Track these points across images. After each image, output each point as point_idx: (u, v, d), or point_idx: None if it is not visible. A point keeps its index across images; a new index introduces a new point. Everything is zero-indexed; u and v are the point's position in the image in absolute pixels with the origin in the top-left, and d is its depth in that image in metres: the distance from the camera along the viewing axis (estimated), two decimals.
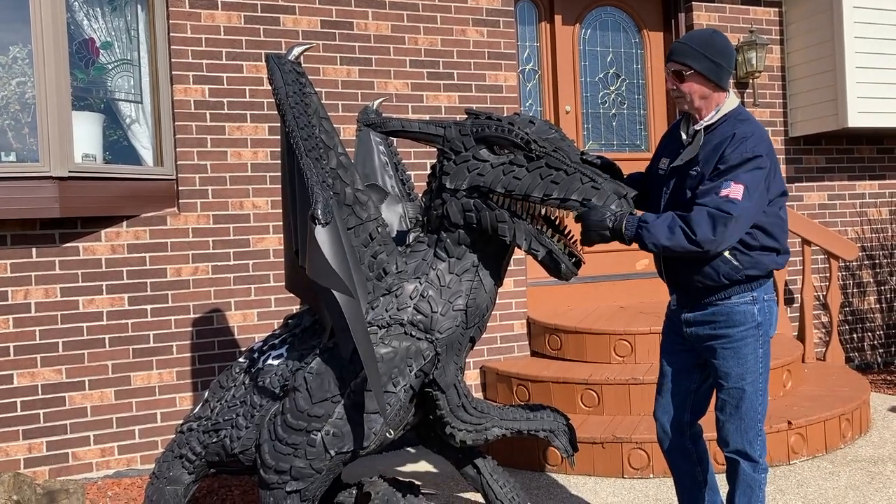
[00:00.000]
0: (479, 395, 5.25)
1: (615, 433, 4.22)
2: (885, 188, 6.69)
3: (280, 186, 3.65)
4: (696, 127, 2.84)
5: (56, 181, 4.15)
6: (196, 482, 3.14)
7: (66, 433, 4.39)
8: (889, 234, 6.66)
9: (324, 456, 2.75)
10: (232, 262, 4.74)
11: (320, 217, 2.52)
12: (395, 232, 3.26)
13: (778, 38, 6.32)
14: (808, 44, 6.12)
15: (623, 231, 2.65)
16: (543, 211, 2.74)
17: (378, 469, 4.45)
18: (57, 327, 4.38)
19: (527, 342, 5.41)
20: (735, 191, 2.62)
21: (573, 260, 2.80)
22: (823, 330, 6.35)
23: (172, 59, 4.63)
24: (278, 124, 4.06)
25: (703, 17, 6.07)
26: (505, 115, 3.44)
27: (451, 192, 2.83)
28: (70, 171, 4.19)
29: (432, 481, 4.28)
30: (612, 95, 6.19)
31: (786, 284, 6.10)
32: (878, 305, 6.65)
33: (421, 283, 2.85)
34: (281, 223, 4.14)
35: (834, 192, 6.51)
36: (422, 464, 4.61)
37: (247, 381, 3.02)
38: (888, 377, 6.26)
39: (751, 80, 6.15)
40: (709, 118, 2.82)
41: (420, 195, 3.24)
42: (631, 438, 4.17)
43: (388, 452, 4.79)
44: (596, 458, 4.22)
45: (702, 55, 2.77)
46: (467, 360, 3.26)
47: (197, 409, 3.14)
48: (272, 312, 4.81)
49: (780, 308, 5.71)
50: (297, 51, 2.80)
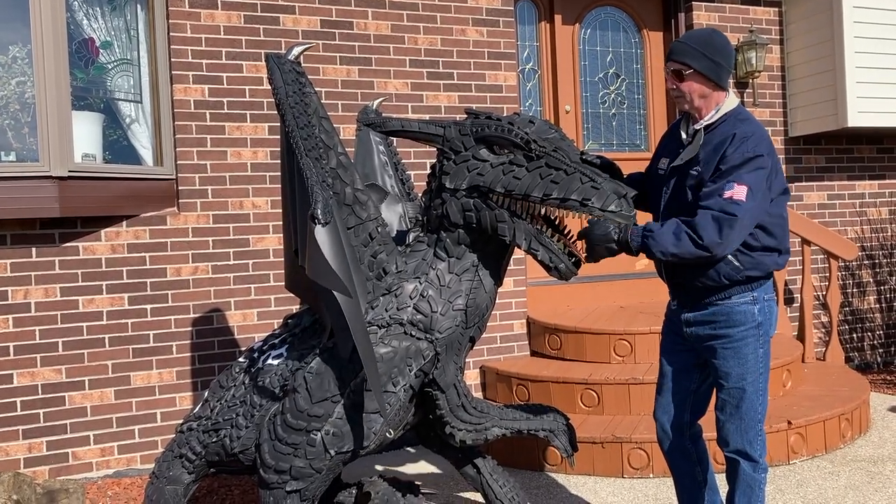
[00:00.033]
0: (478, 394, 5.25)
1: (615, 433, 4.22)
2: (885, 188, 6.69)
3: (280, 186, 3.65)
4: (696, 126, 2.84)
5: (56, 181, 4.16)
6: (196, 482, 3.14)
7: (66, 433, 4.39)
8: (889, 233, 6.66)
9: (323, 456, 2.75)
10: (232, 262, 4.74)
11: (320, 217, 2.52)
12: (395, 232, 3.26)
13: (778, 37, 6.32)
14: (808, 43, 6.12)
15: (629, 242, 2.67)
16: (543, 211, 2.74)
17: (378, 469, 4.46)
18: (57, 327, 4.38)
19: (527, 342, 5.41)
20: (738, 192, 2.62)
21: (573, 260, 2.80)
22: (823, 330, 6.35)
23: (172, 59, 4.63)
24: (278, 124, 4.06)
25: (703, 17, 6.07)
26: (505, 114, 3.44)
27: (451, 192, 2.83)
28: (70, 171, 4.19)
29: (432, 481, 4.28)
30: (612, 95, 6.19)
31: (786, 284, 6.10)
32: (877, 305, 6.65)
33: (421, 283, 2.85)
34: (281, 223, 4.14)
35: (834, 191, 6.51)
36: (422, 463, 4.61)
37: (247, 381, 3.02)
38: (888, 377, 6.26)
39: (750, 80, 6.15)
40: (709, 118, 2.82)
41: (420, 195, 3.24)
42: (631, 438, 4.17)
43: (387, 452, 4.79)
44: (596, 458, 4.22)
45: (701, 54, 2.77)
46: (467, 360, 3.26)
47: (197, 409, 3.14)
48: (272, 312, 4.81)
49: (780, 308, 5.71)
50: (296, 50, 2.80)
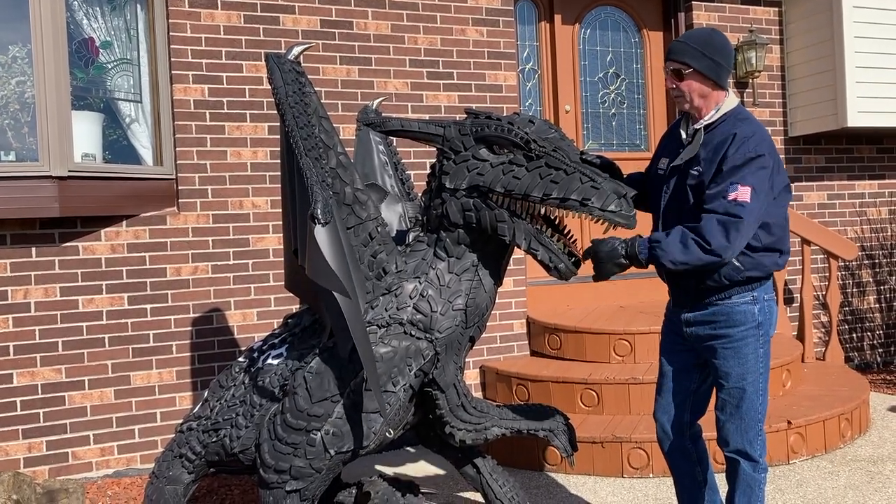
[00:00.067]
0: (478, 394, 5.25)
1: (615, 433, 4.22)
2: (885, 188, 6.69)
3: (279, 186, 3.65)
4: (696, 126, 2.84)
5: (56, 180, 4.16)
6: (196, 481, 3.14)
7: (66, 433, 4.39)
8: (888, 233, 6.66)
9: (323, 455, 2.75)
10: (231, 262, 4.74)
11: (320, 216, 2.52)
12: (395, 231, 3.26)
13: (778, 37, 6.32)
14: (808, 43, 6.12)
15: (637, 255, 2.67)
16: (543, 210, 2.74)
17: (378, 468, 4.46)
18: (56, 327, 4.38)
19: (526, 342, 5.41)
20: (743, 193, 2.62)
21: (573, 259, 2.80)
22: (823, 329, 6.35)
23: (172, 59, 4.63)
24: (278, 124, 4.06)
25: (703, 17, 6.07)
26: (504, 114, 3.44)
27: (451, 192, 2.83)
28: (70, 171, 4.19)
29: (432, 481, 4.28)
30: (612, 95, 6.19)
31: (785, 284, 6.10)
32: (877, 305, 6.66)
33: (420, 283, 2.85)
34: (280, 223, 4.14)
35: (833, 191, 6.51)
36: (421, 463, 4.61)
37: (246, 381, 3.02)
38: (887, 377, 6.26)
39: (750, 80, 6.15)
40: (708, 117, 2.82)
41: (419, 195, 3.24)
42: (630, 438, 4.17)
43: (387, 452, 4.79)
44: (595, 458, 4.22)
45: (700, 53, 2.77)
46: (467, 360, 3.25)
47: (197, 409, 3.14)
48: (272, 312, 4.81)
49: (780, 308, 5.71)
50: (296, 50, 2.80)
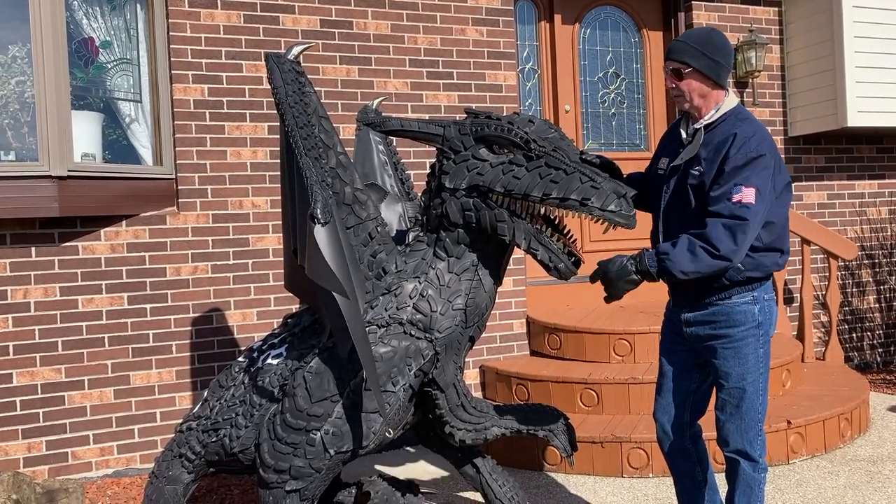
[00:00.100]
0: (478, 394, 5.25)
1: (614, 432, 4.22)
2: (885, 187, 6.69)
3: (279, 186, 3.65)
4: (696, 126, 2.84)
5: (55, 180, 4.15)
6: (195, 481, 3.14)
7: (66, 432, 4.39)
8: (888, 233, 6.66)
9: (323, 455, 2.75)
10: (231, 262, 4.74)
11: (319, 216, 2.52)
12: (395, 231, 3.26)
13: (777, 37, 6.32)
14: (808, 43, 6.12)
15: (649, 269, 2.67)
16: (543, 210, 2.74)
17: (377, 468, 4.46)
18: (56, 326, 4.38)
19: (526, 341, 5.41)
20: (747, 195, 2.62)
21: (572, 259, 2.80)
22: (823, 329, 6.35)
23: (172, 59, 4.63)
24: (277, 123, 4.06)
25: (703, 17, 6.07)
26: (504, 114, 3.45)
27: (451, 192, 2.83)
28: (69, 171, 4.19)
29: (432, 481, 4.28)
30: (612, 95, 6.19)
31: (785, 284, 6.10)
32: (877, 305, 6.66)
33: (420, 283, 2.85)
34: (280, 222, 4.14)
35: (833, 191, 6.51)
36: (421, 463, 4.61)
37: (246, 381, 3.02)
38: (887, 377, 6.26)
39: (750, 80, 6.15)
40: (708, 117, 2.82)
41: (419, 194, 3.24)
42: (630, 438, 4.17)
43: (387, 452, 4.79)
44: (595, 458, 4.22)
45: (700, 53, 2.77)
46: (467, 360, 3.25)
47: (196, 409, 3.14)
48: (271, 312, 4.81)
49: (780, 307, 5.71)
50: (296, 50, 2.80)
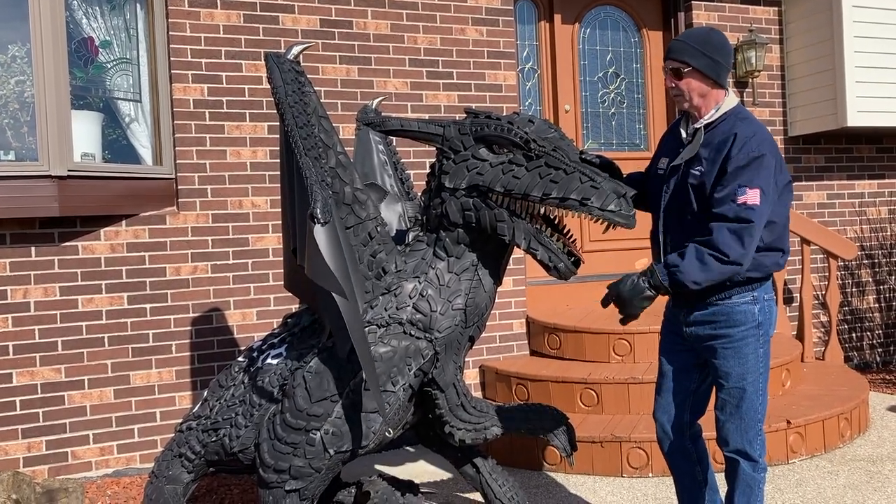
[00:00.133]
0: (478, 394, 5.25)
1: (614, 432, 4.22)
2: (885, 187, 6.69)
3: (279, 185, 3.65)
4: (696, 125, 2.84)
5: (55, 180, 4.15)
6: (195, 481, 3.13)
7: (66, 432, 4.39)
8: (888, 233, 6.66)
9: (323, 455, 2.75)
10: (231, 262, 4.74)
11: (319, 216, 2.52)
12: (395, 231, 3.26)
13: (777, 37, 6.32)
14: (808, 43, 6.12)
15: (662, 283, 2.67)
16: (542, 210, 2.74)
17: (377, 468, 4.46)
18: (56, 326, 4.38)
19: (526, 341, 5.41)
20: (752, 196, 2.63)
21: (572, 259, 2.80)
22: (822, 329, 6.35)
23: (171, 58, 4.63)
24: (277, 123, 4.06)
25: (703, 17, 6.07)
26: (504, 114, 3.45)
27: (451, 192, 2.83)
28: (69, 170, 4.18)
29: (431, 480, 4.28)
30: (612, 94, 6.19)
31: (785, 284, 6.10)
32: (877, 305, 6.66)
33: (420, 282, 2.85)
34: (280, 222, 4.14)
35: (833, 191, 6.51)
36: (421, 463, 4.61)
37: (246, 380, 3.02)
38: (887, 376, 6.26)
39: (750, 80, 6.15)
40: (708, 116, 2.82)
41: (419, 194, 3.24)
42: (630, 437, 4.17)
43: (387, 451, 4.79)
44: (595, 458, 4.22)
45: (699, 52, 2.77)
46: (466, 359, 3.25)
47: (196, 408, 3.13)
48: (271, 311, 4.81)
49: (780, 307, 5.71)
50: (296, 50, 2.80)
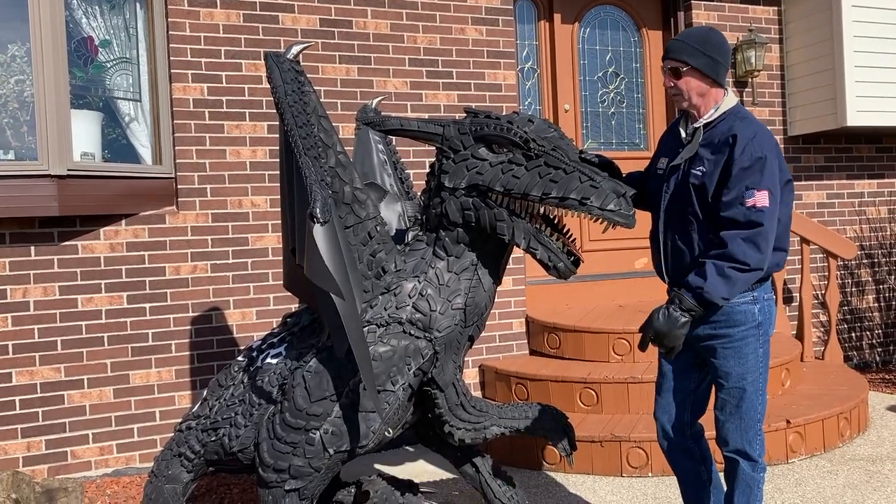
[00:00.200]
0: (477, 393, 5.25)
1: (614, 432, 4.22)
2: (884, 187, 6.69)
3: (279, 185, 3.65)
4: (696, 125, 2.84)
5: (55, 179, 4.15)
6: (195, 480, 3.13)
7: (65, 431, 4.39)
8: (888, 232, 6.66)
9: (322, 454, 2.75)
10: (231, 261, 4.74)
11: (318, 215, 2.52)
12: (394, 230, 3.26)
13: (777, 36, 6.32)
14: (808, 43, 6.12)
15: (694, 307, 2.68)
16: (542, 209, 2.73)
17: (377, 467, 4.46)
18: (56, 326, 4.38)
19: (525, 341, 5.41)
20: (760, 198, 2.63)
21: (572, 259, 2.80)
22: (822, 329, 6.35)
23: (171, 58, 4.63)
24: (277, 123, 4.06)
25: (703, 16, 6.07)
26: (504, 113, 3.44)
27: (450, 191, 2.83)
28: (69, 170, 4.19)
29: (431, 480, 4.28)
30: (612, 94, 6.19)
31: (785, 283, 6.10)
32: (876, 304, 6.66)
33: (420, 282, 2.85)
34: (279, 221, 4.14)
35: (833, 190, 6.51)
36: (420, 462, 4.61)
37: (245, 380, 3.02)
38: (886, 376, 6.27)
39: (750, 79, 6.15)
40: (708, 116, 2.82)
41: (419, 194, 3.24)
42: (629, 437, 4.17)
43: (386, 451, 4.79)
44: (594, 457, 4.22)
45: (698, 51, 2.77)
46: (466, 359, 3.26)
47: (196, 408, 3.13)
48: (271, 311, 4.81)
49: (779, 307, 5.71)
50: (295, 49, 2.80)
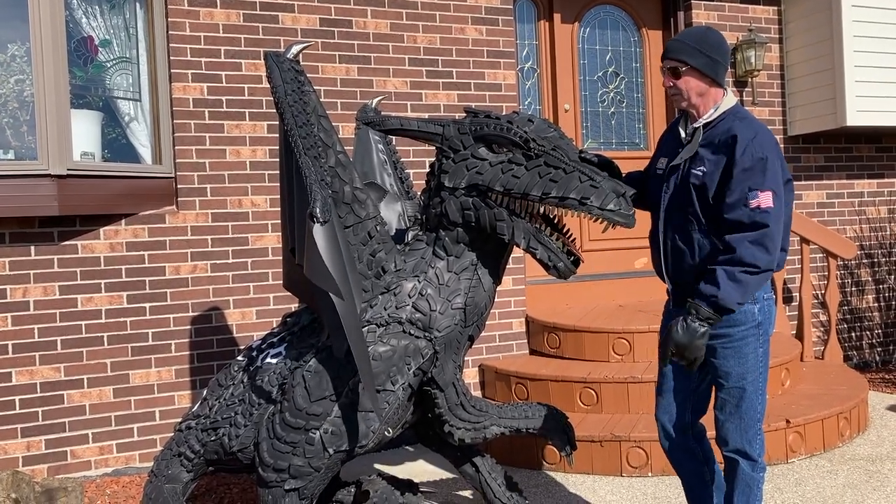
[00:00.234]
0: (477, 393, 5.25)
1: (613, 431, 4.22)
2: (884, 187, 6.69)
3: (278, 184, 3.65)
4: (695, 125, 2.84)
5: (55, 179, 4.15)
6: (194, 480, 3.14)
7: (65, 431, 4.39)
8: (887, 232, 6.66)
9: (322, 454, 2.76)
10: (231, 261, 4.74)
11: (318, 215, 2.52)
12: (394, 230, 3.26)
13: (777, 36, 6.32)
14: (807, 42, 6.12)
15: (710, 316, 2.68)
16: (542, 209, 2.74)
17: (376, 467, 4.46)
18: (55, 325, 4.38)
19: (525, 340, 5.41)
20: (765, 199, 2.63)
21: (571, 258, 2.80)
22: (822, 329, 6.35)
23: (171, 57, 4.63)
24: (277, 122, 4.06)
25: (703, 16, 6.07)
26: (504, 113, 3.44)
27: (450, 191, 2.83)
28: (69, 169, 4.18)
29: (431, 480, 4.28)
30: (611, 94, 6.19)
31: (784, 283, 6.10)
32: (876, 304, 6.66)
33: (420, 282, 2.85)
34: (279, 221, 4.14)
35: (832, 190, 6.51)
36: (420, 462, 4.61)
37: (245, 380, 3.02)
38: (886, 376, 6.27)
39: (750, 79, 6.15)
40: (707, 116, 2.82)
41: (419, 193, 3.24)
42: (629, 437, 4.17)
43: (386, 451, 4.79)
44: (594, 457, 4.22)
45: (697, 51, 2.77)
46: (466, 359, 3.26)
47: (196, 408, 3.14)
48: (271, 311, 4.81)
49: (779, 307, 5.71)
50: (295, 49, 2.80)
